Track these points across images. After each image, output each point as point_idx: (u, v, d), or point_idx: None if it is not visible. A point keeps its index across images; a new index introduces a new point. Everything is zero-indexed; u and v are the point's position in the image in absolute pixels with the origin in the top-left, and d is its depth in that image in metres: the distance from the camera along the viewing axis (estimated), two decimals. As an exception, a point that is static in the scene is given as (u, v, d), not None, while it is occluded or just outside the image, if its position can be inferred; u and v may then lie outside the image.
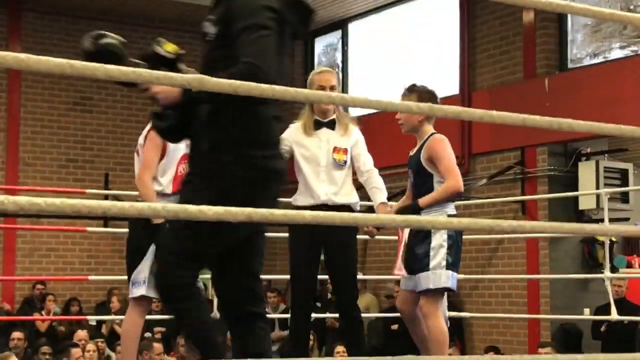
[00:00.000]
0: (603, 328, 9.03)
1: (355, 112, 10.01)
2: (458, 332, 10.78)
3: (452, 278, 4.83)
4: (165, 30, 13.73)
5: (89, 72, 1.68)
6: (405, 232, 4.96)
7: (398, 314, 5.31)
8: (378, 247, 12.12)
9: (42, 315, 11.14)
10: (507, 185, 11.09)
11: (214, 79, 1.89)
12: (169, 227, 3.67)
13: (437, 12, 12.23)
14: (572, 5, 2.42)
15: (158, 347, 8.47)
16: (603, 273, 7.38)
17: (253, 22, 3.21)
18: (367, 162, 5.23)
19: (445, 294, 5.44)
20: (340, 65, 13.95)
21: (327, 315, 9.78)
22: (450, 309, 7.54)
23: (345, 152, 5.07)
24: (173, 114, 3.37)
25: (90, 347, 8.95)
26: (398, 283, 6.03)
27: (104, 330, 11.03)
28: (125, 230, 5.13)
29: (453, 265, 4.85)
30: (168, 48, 3.48)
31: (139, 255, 4.94)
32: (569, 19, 10.83)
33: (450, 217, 4.87)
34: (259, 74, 3.02)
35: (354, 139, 5.15)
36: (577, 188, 10.31)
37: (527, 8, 10.66)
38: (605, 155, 10.70)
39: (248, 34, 3.19)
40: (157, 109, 3.48)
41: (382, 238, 10.47)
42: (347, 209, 5.02)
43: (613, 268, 9.88)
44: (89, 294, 12.72)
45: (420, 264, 4.83)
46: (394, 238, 5.37)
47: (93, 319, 10.35)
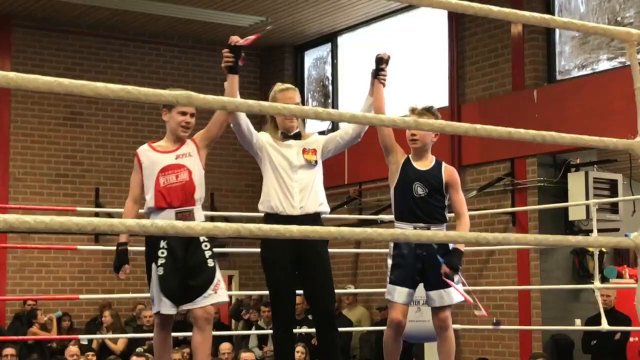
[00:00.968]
0: (593, 343, 9.05)
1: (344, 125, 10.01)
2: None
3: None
4: (155, 45, 13.77)
5: (77, 90, 1.70)
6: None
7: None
8: (369, 259, 12.14)
9: (33, 330, 11.11)
10: (497, 197, 11.12)
11: (202, 96, 1.90)
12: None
13: (426, 25, 12.28)
14: (556, 19, 2.44)
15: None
16: (593, 284, 7.41)
17: None
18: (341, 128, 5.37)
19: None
20: (330, 78, 13.99)
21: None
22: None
23: (315, 152, 5.12)
24: None
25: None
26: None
27: (95, 346, 11.00)
28: (115, 248, 5.14)
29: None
30: None
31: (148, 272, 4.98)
32: (557, 31, 10.89)
33: None
34: None
35: (318, 138, 5.23)
36: (566, 199, 10.35)
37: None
38: (595, 166, 10.74)
39: None
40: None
41: (373, 251, 10.53)
42: (318, 215, 5.04)
43: (604, 279, 9.92)
44: (80, 309, 12.69)
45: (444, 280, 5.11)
46: (385, 251, 5.39)
47: (85, 338, 10.30)
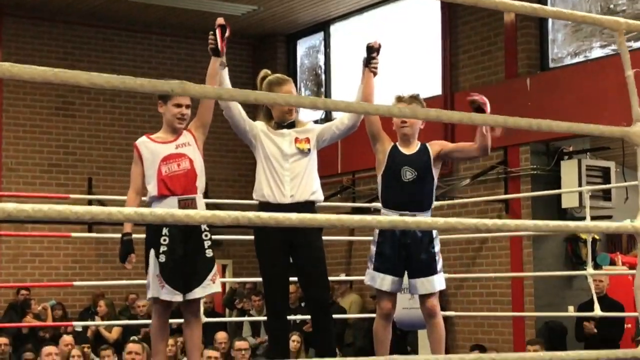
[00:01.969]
0: (588, 325, 9.06)
1: (337, 114, 10.02)
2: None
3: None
4: (148, 34, 13.74)
5: (74, 79, 1.70)
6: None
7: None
8: (363, 248, 12.15)
9: (27, 319, 11.11)
10: (490, 185, 11.14)
11: (197, 85, 1.90)
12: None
13: (419, 13, 12.27)
14: (545, 9, 2.45)
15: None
16: (585, 270, 7.43)
17: None
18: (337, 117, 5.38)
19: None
20: (323, 67, 13.97)
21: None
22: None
23: (308, 141, 5.13)
24: None
25: (75, 352, 8.95)
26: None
27: (89, 335, 11.02)
28: (109, 235, 5.17)
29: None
30: None
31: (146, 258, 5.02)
32: (550, 19, 10.89)
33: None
34: None
35: (314, 127, 5.26)
36: (559, 186, 10.37)
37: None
38: (588, 154, 10.77)
39: None
40: None
41: (367, 239, 10.52)
42: (312, 203, 5.05)
43: (596, 266, 9.96)
44: (74, 299, 12.69)
45: (429, 268, 5.16)
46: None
47: (79, 325, 10.33)
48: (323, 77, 13.96)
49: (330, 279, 5.47)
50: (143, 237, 5.03)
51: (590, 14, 2.73)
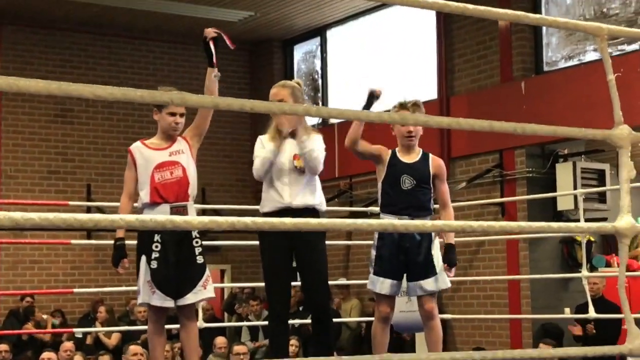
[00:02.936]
0: (582, 329, 9.13)
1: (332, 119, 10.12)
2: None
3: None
4: (144, 41, 13.82)
5: (78, 92, 1.77)
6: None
7: None
8: (361, 252, 12.22)
9: (28, 327, 11.17)
10: (486, 188, 11.22)
11: (196, 95, 1.98)
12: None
13: (414, 18, 12.35)
14: (528, 16, 2.53)
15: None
16: (581, 273, 7.50)
17: None
18: None
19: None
20: (320, 72, 14.05)
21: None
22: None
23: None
24: None
25: (78, 359, 9.02)
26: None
27: (89, 341, 11.07)
28: (108, 242, 5.23)
29: None
30: None
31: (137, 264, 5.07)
32: (544, 23, 10.97)
33: None
34: None
35: (314, 142, 5.26)
36: (555, 189, 10.44)
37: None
38: (582, 157, 10.84)
39: None
40: None
41: (364, 243, 10.61)
42: (311, 211, 5.10)
43: (592, 268, 10.03)
44: (73, 305, 12.75)
45: (428, 271, 5.23)
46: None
47: (79, 331, 10.38)
48: (320, 82, 14.04)
49: (330, 283, 5.53)
50: (135, 243, 5.05)
51: (573, 21, 2.81)
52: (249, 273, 13.59)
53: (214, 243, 8.88)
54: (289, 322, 5.39)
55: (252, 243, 5.98)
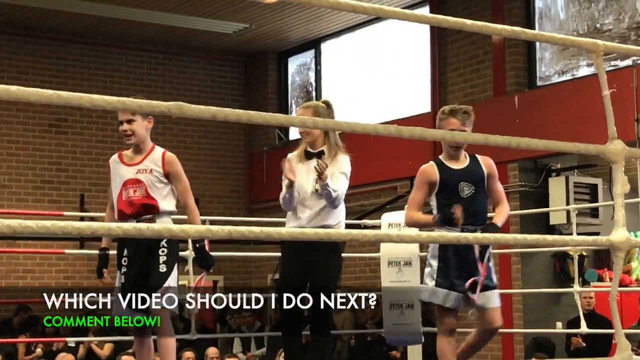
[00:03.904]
0: (575, 340, 9.15)
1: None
2: (432, 347, 10.88)
3: None
4: (139, 52, 13.84)
5: (76, 101, 1.79)
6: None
7: (375, 330, 5.49)
8: (353, 264, 12.23)
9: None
10: (479, 202, 11.23)
11: (194, 106, 1.99)
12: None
13: (408, 31, 12.41)
14: (526, 32, 2.56)
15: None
16: (573, 287, 7.53)
17: None
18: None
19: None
20: (314, 84, 14.09)
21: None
22: (425, 325, 7.65)
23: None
24: None
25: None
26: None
27: (82, 351, 11.04)
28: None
29: None
30: None
31: None
32: (538, 38, 11.04)
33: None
34: None
35: (338, 165, 5.22)
36: (547, 203, 10.47)
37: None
38: (575, 171, 10.88)
39: None
40: None
41: (357, 255, 10.63)
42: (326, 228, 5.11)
43: (585, 282, 10.05)
44: (66, 314, 12.71)
45: (491, 283, 5.18)
46: (369, 255, 5.50)
47: (72, 340, 10.36)
48: (314, 94, 14.07)
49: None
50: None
51: (569, 37, 2.84)
52: (242, 284, 13.58)
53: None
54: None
55: (245, 254, 6.01)
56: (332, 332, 5.60)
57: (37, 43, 13.14)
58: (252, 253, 11.36)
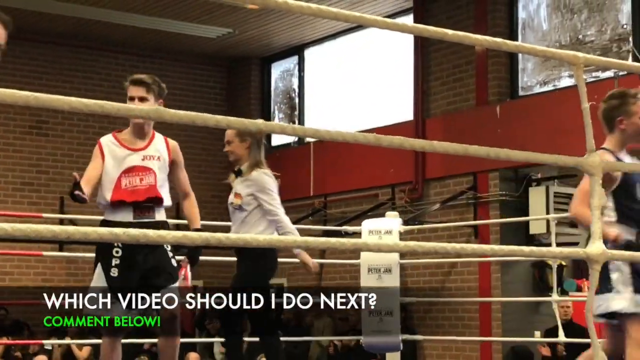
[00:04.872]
0: (544, 350, 9.20)
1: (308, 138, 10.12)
2: (411, 354, 10.91)
3: None
4: (122, 55, 13.80)
5: (54, 104, 1.78)
6: None
7: (356, 337, 5.50)
8: (334, 271, 12.23)
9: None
10: (460, 210, 11.27)
11: (172, 111, 1.99)
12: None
13: (392, 39, 12.43)
14: (507, 43, 2.57)
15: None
16: (551, 296, 7.56)
17: None
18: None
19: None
20: (297, 91, 14.09)
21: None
22: (404, 332, 7.67)
23: (239, 196, 5.28)
24: None
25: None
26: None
27: (58, 354, 10.98)
28: (80, 255, 5.21)
29: None
30: None
31: None
32: (520, 48, 11.08)
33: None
34: None
35: (249, 183, 5.39)
36: (527, 212, 10.52)
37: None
38: (555, 181, 10.93)
39: None
40: None
41: (337, 262, 10.64)
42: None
43: (563, 291, 10.10)
44: (43, 317, 12.64)
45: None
46: (350, 262, 5.52)
47: (49, 343, 10.31)
48: (297, 100, 14.07)
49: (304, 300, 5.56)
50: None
51: (550, 49, 2.87)
52: (221, 289, 13.53)
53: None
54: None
55: (224, 259, 6.01)
56: (309, 337, 5.67)
57: (25, 45, 13.00)
58: (232, 258, 11.35)
